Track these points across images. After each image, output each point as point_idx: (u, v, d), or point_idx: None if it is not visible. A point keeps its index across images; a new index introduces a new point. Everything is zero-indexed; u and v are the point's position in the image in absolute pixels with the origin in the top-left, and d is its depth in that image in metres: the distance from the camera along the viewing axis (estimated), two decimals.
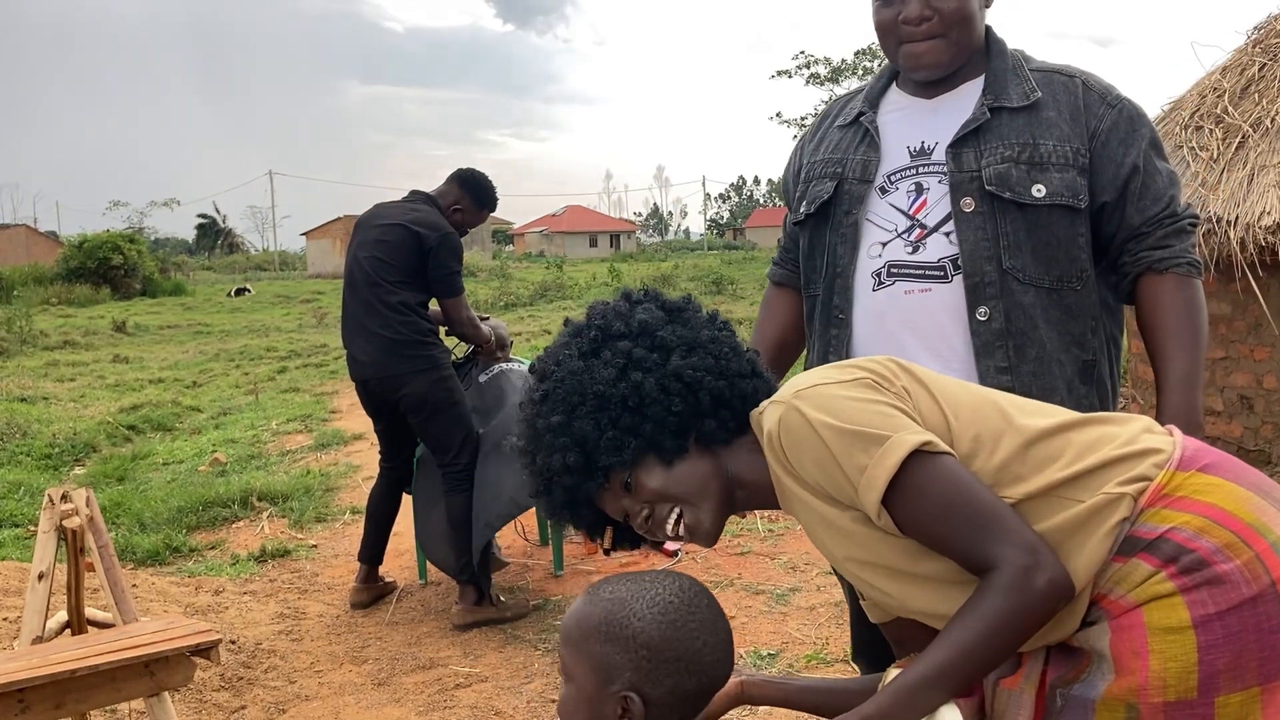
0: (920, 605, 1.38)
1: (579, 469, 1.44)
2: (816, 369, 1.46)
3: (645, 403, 1.43)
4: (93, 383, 12.82)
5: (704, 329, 1.52)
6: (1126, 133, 1.89)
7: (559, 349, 1.52)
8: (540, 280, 25.77)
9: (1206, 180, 5.91)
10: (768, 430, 1.41)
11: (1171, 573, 1.26)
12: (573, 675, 1.35)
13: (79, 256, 30.85)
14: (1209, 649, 1.22)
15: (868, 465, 1.30)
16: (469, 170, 4.52)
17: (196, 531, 5.88)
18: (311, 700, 3.60)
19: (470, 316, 4.43)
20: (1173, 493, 1.30)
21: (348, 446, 7.95)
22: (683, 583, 1.39)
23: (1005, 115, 1.90)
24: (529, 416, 1.50)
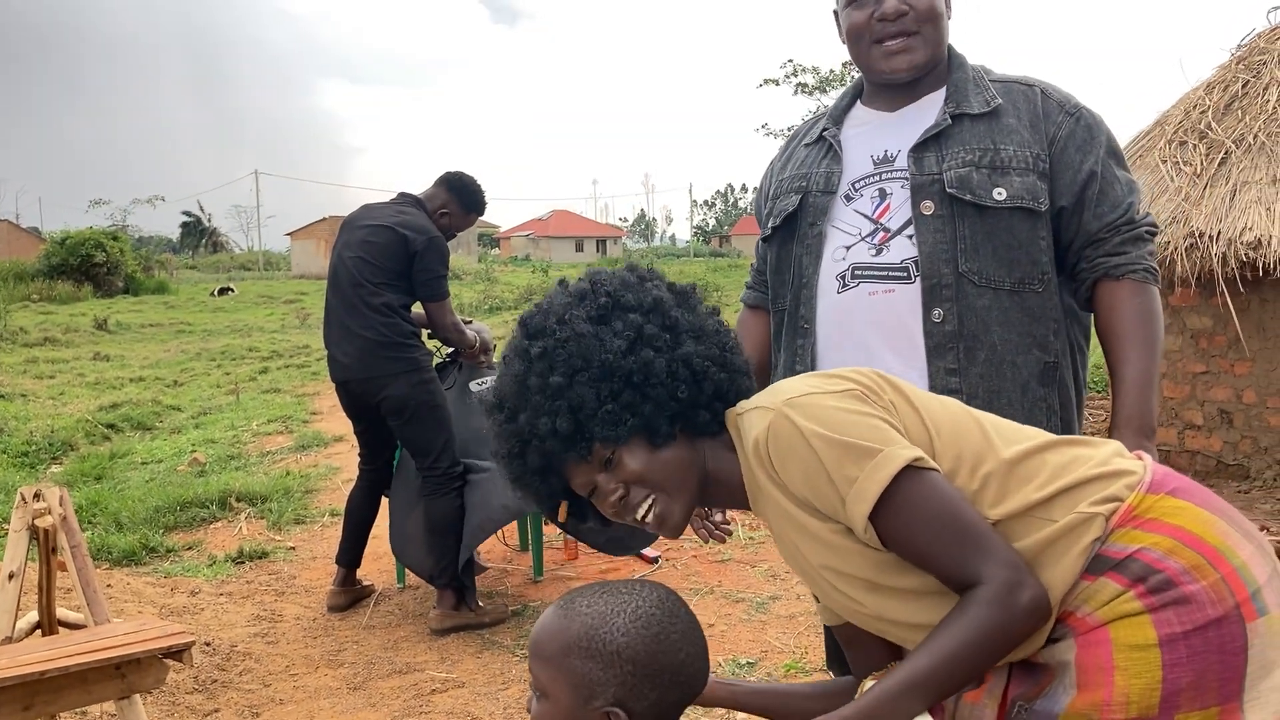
0: (896, 616, 1.37)
1: (566, 436, 1.40)
2: (801, 377, 1.44)
3: (650, 382, 1.39)
4: (72, 380, 12.71)
5: (709, 318, 1.50)
6: (1084, 140, 1.92)
7: (562, 307, 1.45)
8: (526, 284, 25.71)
9: (1190, 195, 5.94)
10: (754, 435, 1.38)
11: (1140, 592, 1.27)
12: (549, 692, 1.32)
13: (61, 253, 30.60)
14: (1173, 667, 1.24)
15: (858, 478, 1.29)
16: (457, 174, 4.50)
17: (174, 532, 5.83)
18: (286, 704, 3.57)
19: (454, 321, 4.42)
20: (1143, 514, 1.31)
21: (328, 448, 7.91)
22: (660, 593, 1.38)
23: (966, 121, 1.93)
24: (518, 373, 1.43)
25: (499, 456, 1.50)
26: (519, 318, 1.49)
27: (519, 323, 1.49)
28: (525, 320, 1.48)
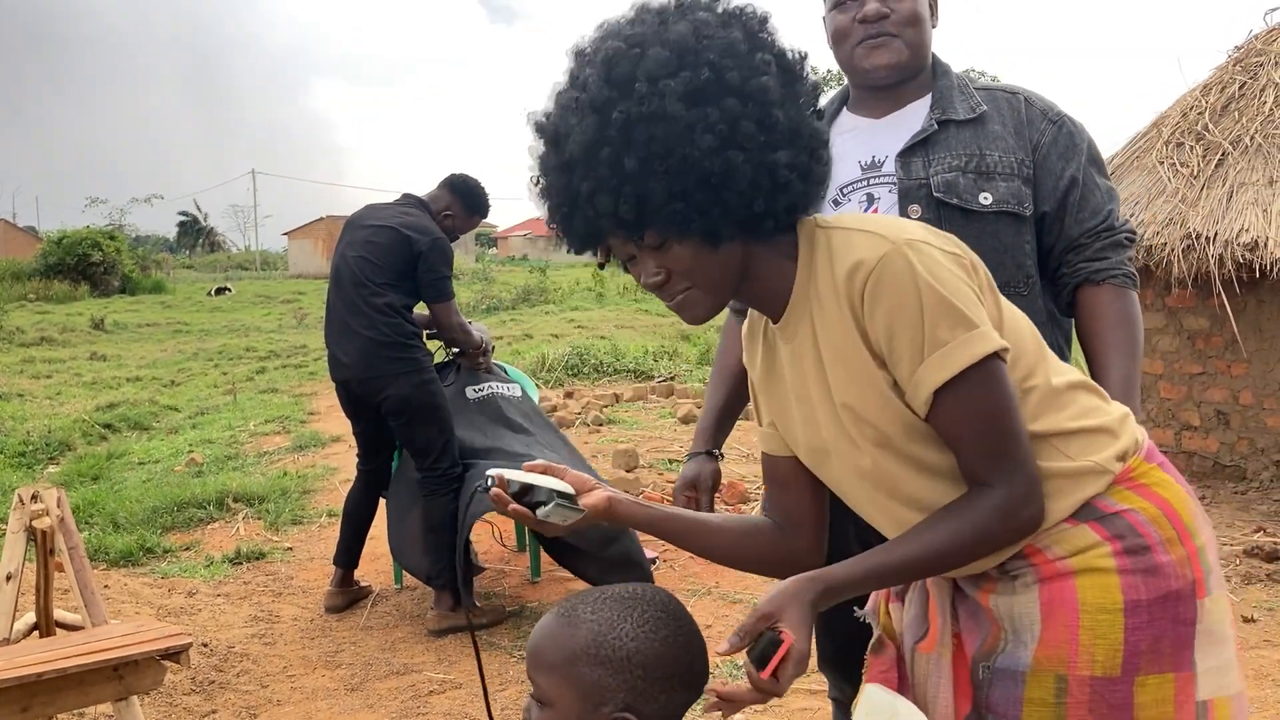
0: (889, 480, 1.37)
1: (624, 220, 1.28)
2: (912, 222, 1.36)
3: (729, 188, 1.26)
4: (69, 380, 12.70)
5: (808, 115, 1.33)
6: (1066, 147, 1.96)
7: (656, 66, 1.24)
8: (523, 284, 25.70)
9: (1186, 196, 5.96)
10: (855, 259, 1.28)
11: (1117, 549, 1.31)
12: (554, 700, 1.30)
13: (58, 253, 30.57)
14: (1134, 630, 1.29)
15: (948, 344, 1.25)
16: (461, 176, 4.52)
17: (171, 532, 5.82)
18: (284, 705, 3.57)
19: (460, 322, 4.43)
20: (1138, 478, 1.36)
21: (325, 449, 7.90)
22: (662, 596, 1.38)
23: (953, 127, 1.96)
24: (590, 131, 1.25)
25: (540, 190, 1.35)
26: (602, 48, 1.28)
27: (604, 60, 1.27)
28: (611, 60, 1.26)
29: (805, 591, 1.31)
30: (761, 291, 1.39)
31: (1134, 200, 6.22)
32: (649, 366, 11.08)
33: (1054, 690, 1.30)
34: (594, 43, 1.31)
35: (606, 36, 1.29)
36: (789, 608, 1.30)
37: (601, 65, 1.26)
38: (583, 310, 20.68)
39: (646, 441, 7.22)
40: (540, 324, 17.74)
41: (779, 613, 1.30)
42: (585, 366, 11.14)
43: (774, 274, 1.37)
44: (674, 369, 10.92)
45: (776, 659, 1.26)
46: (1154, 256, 5.92)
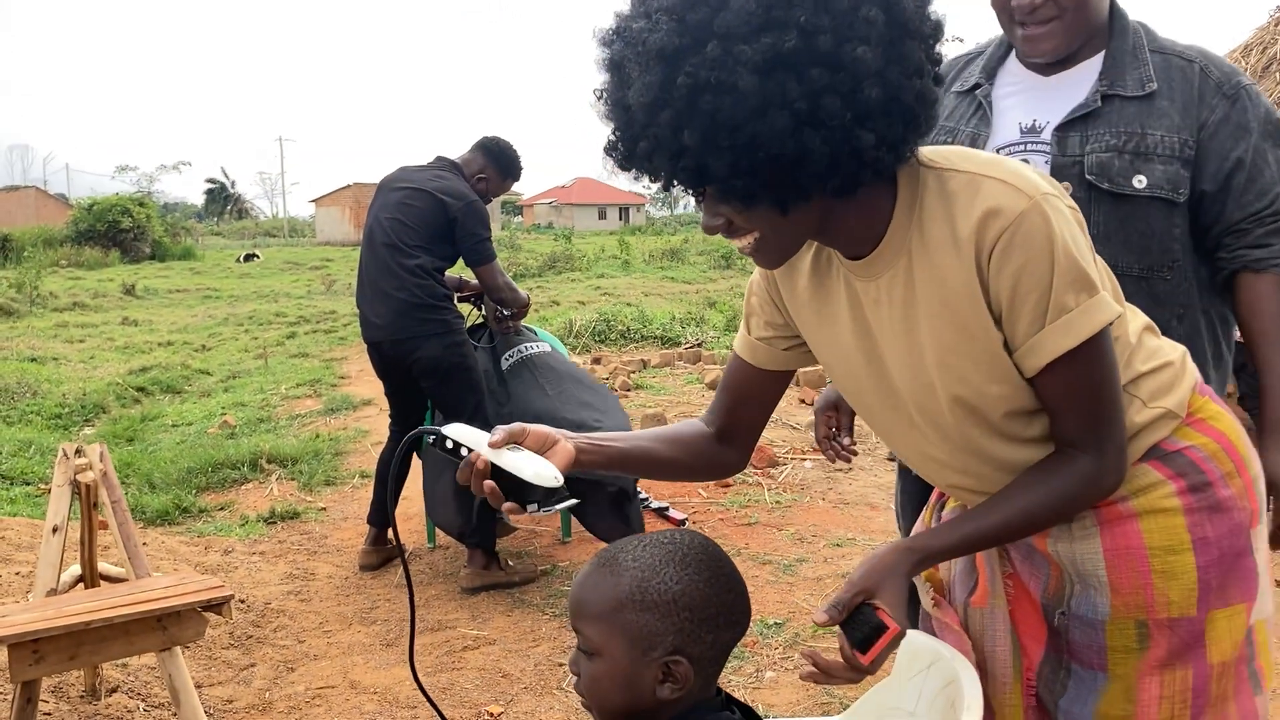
0: (967, 439, 1.34)
1: (685, 178, 1.18)
2: (1030, 169, 1.25)
3: (802, 169, 1.14)
4: (102, 344, 12.85)
5: (914, 80, 1.16)
6: (1237, 125, 1.83)
7: (737, 21, 1.08)
8: (549, 251, 25.74)
9: None
10: (989, 207, 1.19)
11: (1181, 488, 1.32)
12: (603, 649, 1.31)
13: (88, 219, 30.88)
14: (1204, 569, 1.30)
15: (1073, 311, 1.20)
16: (494, 139, 4.52)
17: (206, 492, 5.91)
18: (320, 660, 3.63)
19: (506, 281, 4.44)
20: (1194, 413, 1.37)
21: (357, 411, 7.97)
22: (699, 540, 1.38)
23: (1117, 103, 1.86)
24: (653, 83, 1.11)
25: (601, 114, 1.22)
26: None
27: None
28: (688, 0, 1.11)
29: (902, 564, 1.29)
30: (843, 236, 1.30)
31: None
32: (676, 333, 11.08)
33: (1136, 636, 1.32)
34: None
35: None
36: (886, 582, 1.27)
37: (676, 4, 1.10)
38: (609, 277, 20.68)
39: (674, 406, 7.23)
40: (567, 291, 17.77)
41: (876, 588, 1.27)
42: (612, 333, 11.16)
43: (860, 220, 1.27)
44: (701, 335, 10.91)
45: (882, 644, 1.25)
46: None
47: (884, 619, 1.25)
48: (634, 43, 1.13)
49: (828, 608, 1.29)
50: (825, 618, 1.28)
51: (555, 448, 1.35)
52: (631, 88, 1.13)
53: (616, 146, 1.20)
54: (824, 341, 1.43)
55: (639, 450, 1.47)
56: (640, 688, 1.29)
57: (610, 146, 1.21)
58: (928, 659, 1.38)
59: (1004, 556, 1.43)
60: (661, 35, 1.10)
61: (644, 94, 1.12)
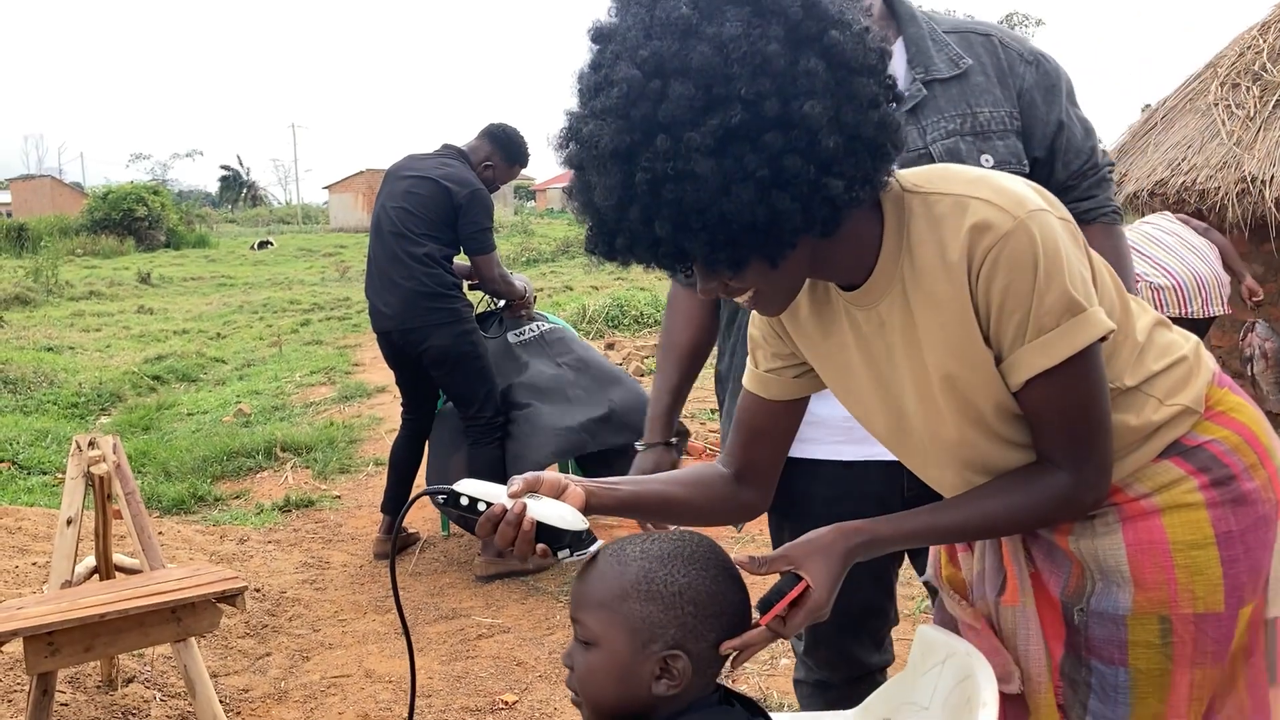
0: (975, 451, 1.33)
1: (668, 264, 1.19)
2: (1017, 182, 1.24)
3: (779, 225, 1.13)
4: (118, 333, 12.91)
5: (872, 112, 1.14)
6: (1047, 89, 1.86)
7: (680, 109, 1.07)
8: (563, 236, 25.70)
9: (1242, 139, 5.82)
10: (978, 220, 1.19)
11: (1204, 483, 1.30)
12: (602, 640, 1.30)
13: (103, 208, 31.01)
14: (1231, 563, 1.28)
15: (1052, 331, 1.20)
16: (500, 126, 4.50)
17: (221, 481, 5.93)
18: (335, 649, 3.64)
19: (502, 273, 4.45)
20: (1214, 406, 1.34)
21: (371, 399, 7.98)
22: (706, 540, 1.37)
23: (938, 87, 1.83)
24: (615, 184, 1.11)
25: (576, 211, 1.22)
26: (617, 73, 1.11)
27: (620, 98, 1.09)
28: (629, 98, 1.09)
29: (838, 543, 1.29)
30: (835, 269, 1.30)
31: (1186, 143, 6.09)
32: None
33: (1159, 631, 1.30)
34: (610, 55, 1.13)
35: (621, 52, 1.11)
36: (813, 557, 1.29)
37: (618, 104, 1.09)
38: None
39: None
40: (580, 276, 17.75)
41: (801, 561, 1.29)
42: (625, 318, 11.15)
43: (850, 252, 1.27)
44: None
45: (783, 603, 1.26)
46: (1207, 201, 5.80)
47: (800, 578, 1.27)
48: (587, 145, 1.13)
49: (748, 557, 1.31)
50: (744, 560, 1.31)
51: (567, 493, 1.34)
52: (595, 190, 1.14)
53: (596, 243, 1.21)
54: (833, 370, 1.43)
55: (652, 493, 1.46)
56: (636, 682, 1.28)
57: (590, 244, 1.22)
58: (942, 654, 1.37)
59: (1027, 556, 1.41)
60: (610, 137, 1.10)
61: (608, 196, 1.12)
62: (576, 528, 1.30)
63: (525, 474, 1.33)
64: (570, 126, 1.17)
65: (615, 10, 1.15)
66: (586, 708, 1.33)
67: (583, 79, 1.16)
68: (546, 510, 1.30)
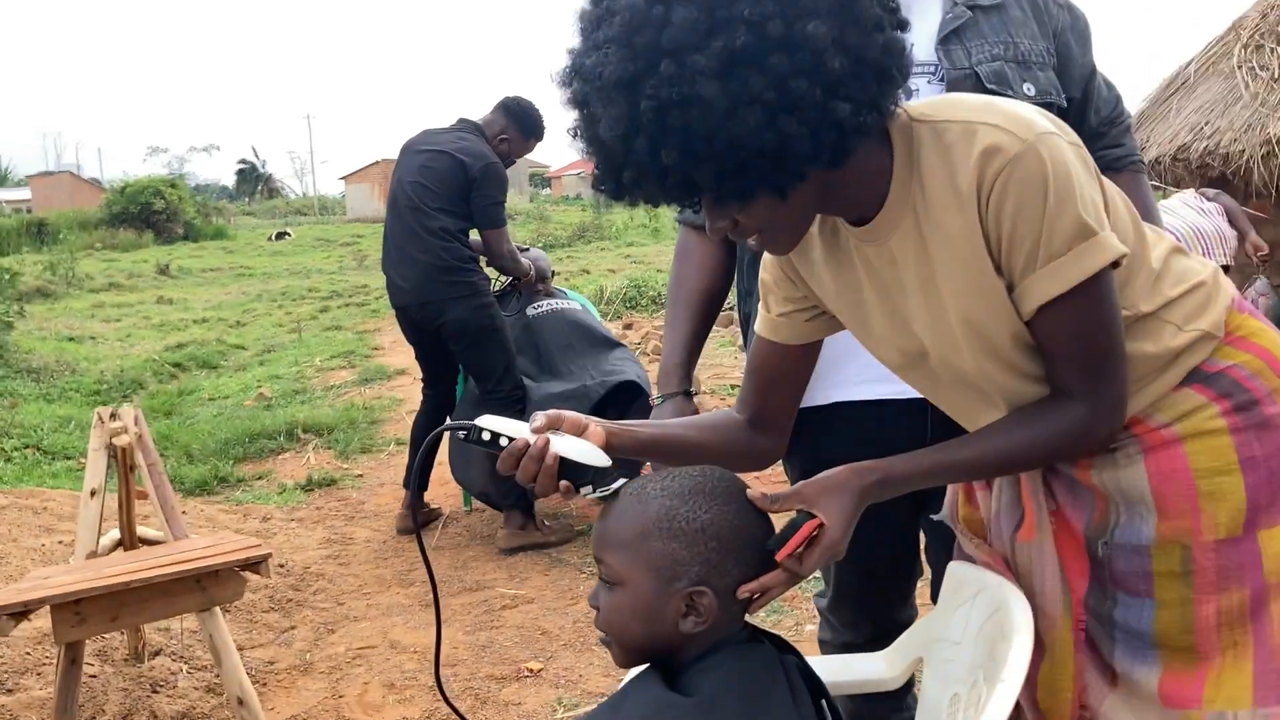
0: (993, 384, 1.32)
1: (676, 195, 1.18)
2: (1026, 107, 1.22)
3: (787, 153, 1.11)
4: (138, 323, 12.98)
5: (876, 33, 1.13)
6: (1080, 33, 1.87)
7: (683, 33, 1.06)
8: (578, 222, 25.67)
9: (1266, 101, 5.74)
10: (988, 144, 1.17)
11: (1226, 409, 1.27)
12: (626, 579, 1.28)
13: (122, 202, 31.15)
14: (1255, 489, 1.26)
15: (1064, 256, 1.18)
16: (515, 99, 4.47)
17: (243, 463, 5.95)
18: (360, 621, 3.65)
19: (511, 249, 4.42)
20: (1233, 330, 1.31)
21: (391, 381, 8.00)
22: (729, 475, 1.35)
23: (979, 14, 1.81)
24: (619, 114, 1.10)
25: (583, 151, 1.22)
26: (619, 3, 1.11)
27: (623, 26, 1.09)
28: (631, 26, 1.09)
29: (852, 481, 1.27)
30: (846, 203, 1.28)
31: (1209, 107, 6.01)
32: None
33: (1180, 560, 1.28)
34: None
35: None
36: (826, 495, 1.27)
37: (621, 32, 1.09)
38: (639, 245, 20.63)
39: (707, 369, 7.20)
40: (596, 259, 17.74)
41: (815, 498, 1.27)
42: (643, 299, 11.13)
43: (860, 184, 1.25)
44: (732, 299, 10.85)
45: (795, 540, 1.24)
46: (1231, 164, 5.73)
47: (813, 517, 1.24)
48: (590, 79, 1.12)
49: (761, 494, 1.29)
50: (758, 497, 1.29)
51: (588, 432, 1.33)
52: (600, 124, 1.13)
53: (603, 179, 1.19)
54: (847, 307, 1.40)
55: (670, 436, 1.45)
56: (662, 620, 1.26)
57: (597, 182, 1.20)
58: (974, 588, 1.35)
59: (1048, 494, 1.38)
60: (614, 66, 1.09)
61: (613, 127, 1.11)
62: (600, 463, 1.29)
63: (548, 410, 1.32)
64: (573, 63, 1.16)
65: None
66: (615, 646, 1.31)
67: (583, 15, 1.15)
68: (570, 446, 1.28)
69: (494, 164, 4.23)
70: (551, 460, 1.26)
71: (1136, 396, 1.28)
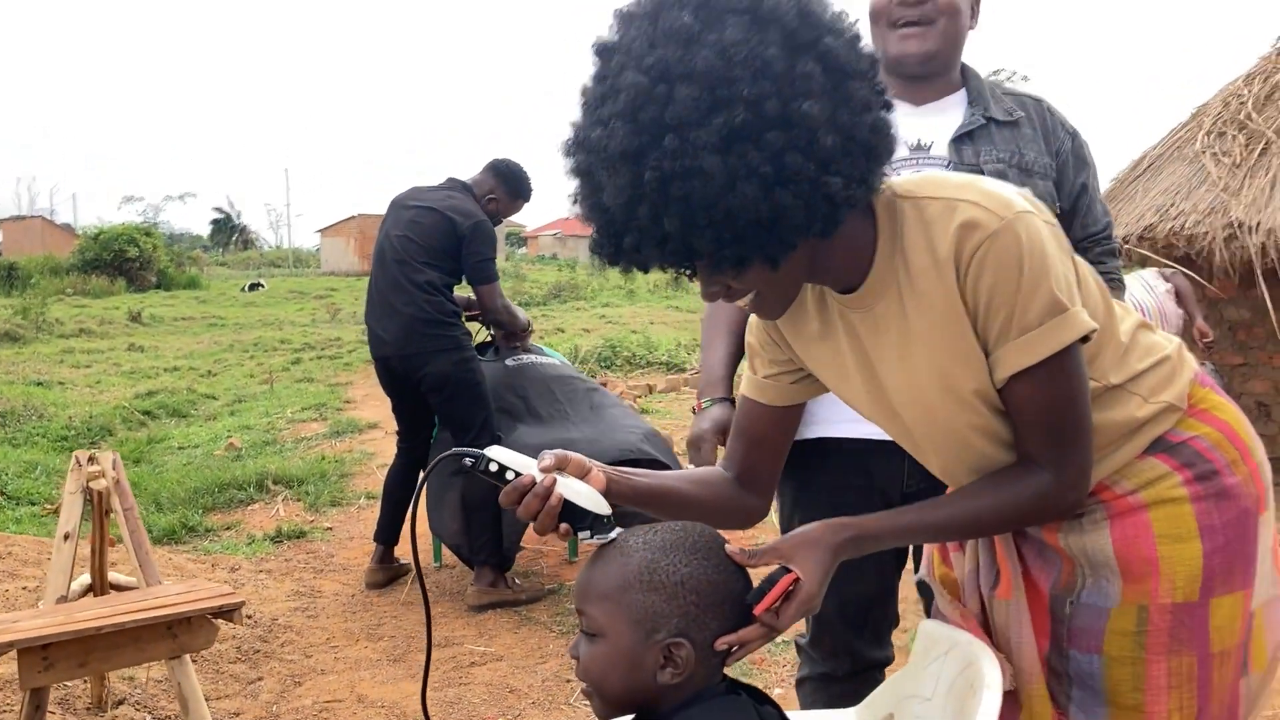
0: (969, 447, 1.36)
1: (674, 260, 1.23)
2: (1005, 186, 1.30)
3: (781, 224, 1.17)
4: (108, 370, 12.88)
5: (864, 115, 1.20)
6: (1079, 158, 2.13)
7: (686, 109, 1.12)
8: (554, 281, 25.81)
9: (1229, 186, 5.91)
10: (966, 219, 1.24)
11: (1187, 478, 1.34)
12: (607, 630, 1.31)
13: (95, 248, 30.98)
14: (1210, 555, 1.32)
15: (1035, 329, 1.24)
16: (504, 161, 4.58)
17: (212, 512, 5.91)
18: (327, 674, 3.62)
19: (505, 303, 4.49)
20: (1196, 404, 1.39)
21: (362, 434, 7.97)
22: (709, 531, 1.38)
23: (994, 126, 2.06)
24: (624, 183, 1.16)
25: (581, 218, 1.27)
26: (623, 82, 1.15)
27: (628, 102, 1.14)
28: (636, 102, 1.14)
29: (827, 537, 1.31)
30: (833, 272, 1.34)
31: (1174, 190, 6.18)
32: (681, 359, 11.11)
33: (1136, 620, 1.33)
34: (615, 65, 1.18)
35: (626, 62, 1.16)
36: (803, 549, 1.31)
37: (626, 108, 1.14)
38: (614, 306, 20.73)
39: (680, 430, 7.23)
40: (572, 319, 17.81)
41: (791, 554, 1.30)
42: (618, 359, 11.20)
43: (846, 255, 1.31)
44: None
45: (772, 595, 1.27)
46: (1194, 246, 5.88)
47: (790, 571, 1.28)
48: (596, 150, 1.18)
49: (740, 549, 1.33)
50: (736, 552, 1.32)
51: (590, 476, 1.37)
52: (604, 191, 1.19)
53: (603, 245, 1.24)
54: (831, 374, 1.47)
55: (666, 488, 1.49)
56: (642, 670, 1.29)
57: (596, 245, 1.26)
58: (945, 645, 1.39)
59: (1018, 553, 1.44)
60: (620, 139, 1.14)
61: (617, 195, 1.17)
62: (600, 510, 1.33)
63: (555, 450, 1.36)
64: (576, 135, 1.22)
65: (618, 26, 1.20)
66: (596, 697, 1.34)
67: (588, 91, 1.22)
68: (575, 488, 1.32)
69: (483, 221, 4.31)
70: (556, 501, 1.30)
71: (1103, 463, 1.34)
